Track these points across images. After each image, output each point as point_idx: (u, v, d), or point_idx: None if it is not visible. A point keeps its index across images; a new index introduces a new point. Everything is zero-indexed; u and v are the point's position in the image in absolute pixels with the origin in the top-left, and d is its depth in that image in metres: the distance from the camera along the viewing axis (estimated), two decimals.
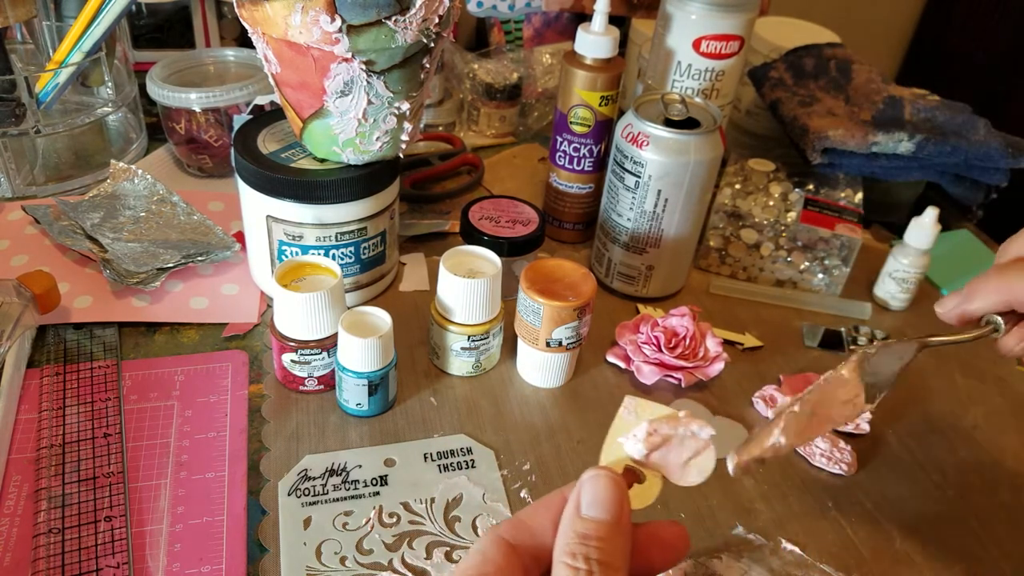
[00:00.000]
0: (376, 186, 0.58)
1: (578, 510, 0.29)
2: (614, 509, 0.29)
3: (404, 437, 0.53)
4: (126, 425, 0.52)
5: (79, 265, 0.64)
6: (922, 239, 0.65)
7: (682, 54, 0.69)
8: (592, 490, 0.29)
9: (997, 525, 0.51)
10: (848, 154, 0.71)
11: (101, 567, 0.43)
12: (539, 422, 0.55)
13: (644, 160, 0.59)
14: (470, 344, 0.56)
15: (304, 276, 0.54)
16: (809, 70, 0.81)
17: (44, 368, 0.55)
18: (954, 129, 0.72)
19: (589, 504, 0.29)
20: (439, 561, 0.45)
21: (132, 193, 0.70)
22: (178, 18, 0.90)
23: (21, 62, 0.76)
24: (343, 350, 0.51)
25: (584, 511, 0.29)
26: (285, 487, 0.49)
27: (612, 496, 0.29)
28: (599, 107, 0.66)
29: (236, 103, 0.73)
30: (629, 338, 0.60)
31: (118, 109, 0.79)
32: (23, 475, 0.48)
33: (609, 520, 0.28)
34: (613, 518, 0.29)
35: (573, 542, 0.28)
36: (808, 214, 0.68)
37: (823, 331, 0.65)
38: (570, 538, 0.28)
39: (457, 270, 0.54)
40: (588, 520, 0.29)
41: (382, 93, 0.53)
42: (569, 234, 0.73)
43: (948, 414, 0.59)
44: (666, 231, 0.62)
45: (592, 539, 0.28)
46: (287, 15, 0.49)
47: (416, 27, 0.50)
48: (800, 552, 0.48)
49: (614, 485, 0.29)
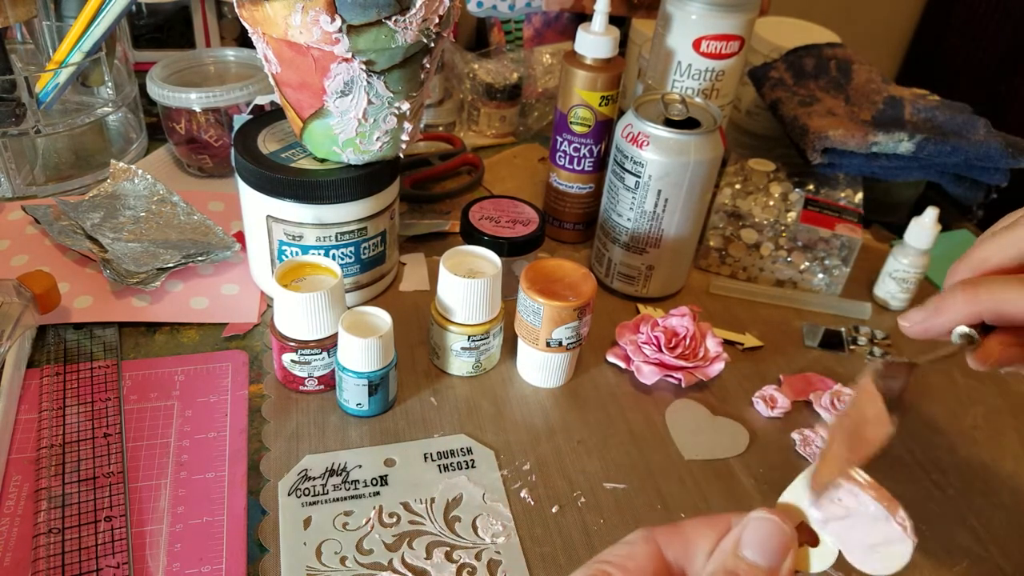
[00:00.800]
0: (376, 186, 0.58)
1: (737, 546, 0.28)
2: (773, 559, 0.28)
3: (404, 437, 0.53)
4: (126, 425, 0.52)
5: (79, 265, 0.64)
6: (922, 239, 0.65)
7: (682, 54, 0.69)
8: (756, 532, 0.28)
9: (997, 525, 0.51)
10: (848, 154, 0.71)
11: (101, 567, 0.43)
12: (539, 422, 0.55)
13: (644, 160, 0.59)
14: (470, 344, 0.56)
15: (304, 276, 0.54)
16: (809, 70, 0.81)
17: (44, 368, 0.55)
18: (954, 129, 0.72)
19: (749, 544, 0.28)
20: (439, 561, 0.45)
21: (132, 193, 0.70)
22: (178, 18, 0.90)
23: (21, 62, 0.76)
24: (343, 350, 0.51)
25: (743, 550, 0.28)
26: (285, 487, 0.49)
27: (775, 545, 0.28)
28: (599, 107, 0.66)
29: (236, 103, 0.73)
30: (629, 338, 0.60)
31: (118, 109, 0.79)
32: (23, 475, 0.48)
33: (763, 567, 0.27)
34: (768, 566, 0.27)
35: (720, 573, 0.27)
36: (808, 214, 0.68)
37: (823, 331, 0.65)
38: (718, 569, 0.28)
39: (457, 270, 0.54)
40: (742, 561, 0.28)
41: (382, 93, 0.53)
42: (569, 234, 0.73)
43: (948, 414, 0.59)
44: (666, 231, 0.62)
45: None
46: (287, 15, 0.49)
47: (416, 27, 0.50)
48: None
49: (780, 534, 0.28)
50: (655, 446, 0.54)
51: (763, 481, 0.52)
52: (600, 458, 0.53)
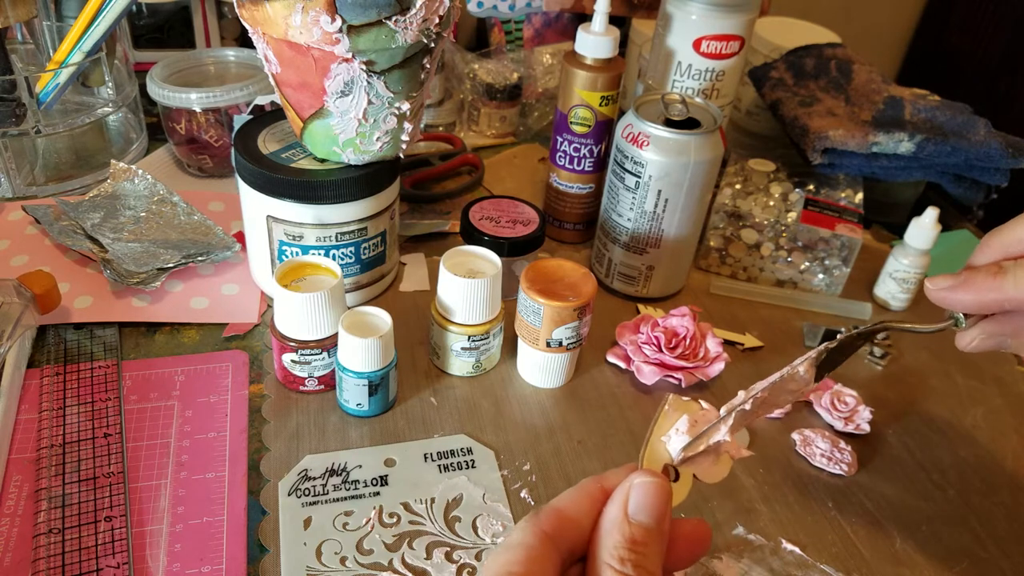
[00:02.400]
0: (376, 186, 0.58)
1: (625, 513, 0.29)
2: (661, 517, 0.29)
3: (404, 437, 0.53)
4: (126, 425, 0.52)
5: (79, 265, 0.64)
6: (922, 239, 0.65)
7: (682, 54, 0.69)
8: (642, 495, 0.29)
9: (997, 525, 0.51)
10: (848, 154, 0.71)
11: (101, 567, 0.43)
12: (539, 422, 0.55)
13: (644, 160, 0.59)
14: (470, 344, 0.56)
15: (304, 276, 0.54)
16: (809, 70, 0.81)
17: (44, 368, 0.55)
18: (954, 129, 0.72)
19: (638, 509, 0.29)
20: (439, 561, 0.45)
21: (132, 193, 0.70)
22: (178, 18, 0.90)
23: (21, 62, 0.76)
24: (343, 350, 0.51)
25: (633, 516, 0.29)
26: (285, 487, 0.49)
27: (660, 503, 0.29)
28: (599, 107, 0.66)
29: (236, 103, 0.73)
30: (629, 338, 0.60)
31: (118, 109, 0.79)
32: (23, 475, 0.48)
33: (654, 527, 0.29)
34: (658, 525, 0.29)
35: (621, 547, 0.28)
36: (808, 214, 0.68)
37: (823, 331, 0.65)
38: (618, 542, 0.28)
39: (457, 270, 0.54)
40: (635, 525, 0.29)
41: (382, 93, 0.53)
42: (569, 234, 0.73)
43: (948, 414, 0.59)
44: (666, 231, 0.62)
45: (639, 544, 0.28)
46: (287, 15, 0.49)
47: (416, 27, 0.50)
48: (800, 552, 0.48)
49: (663, 491, 0.29)
50: None
51: (763, 481, 0.52)
52: (600, 458, 0.53)
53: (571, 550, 0.29)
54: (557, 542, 0.29)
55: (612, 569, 0.28)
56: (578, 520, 0.30)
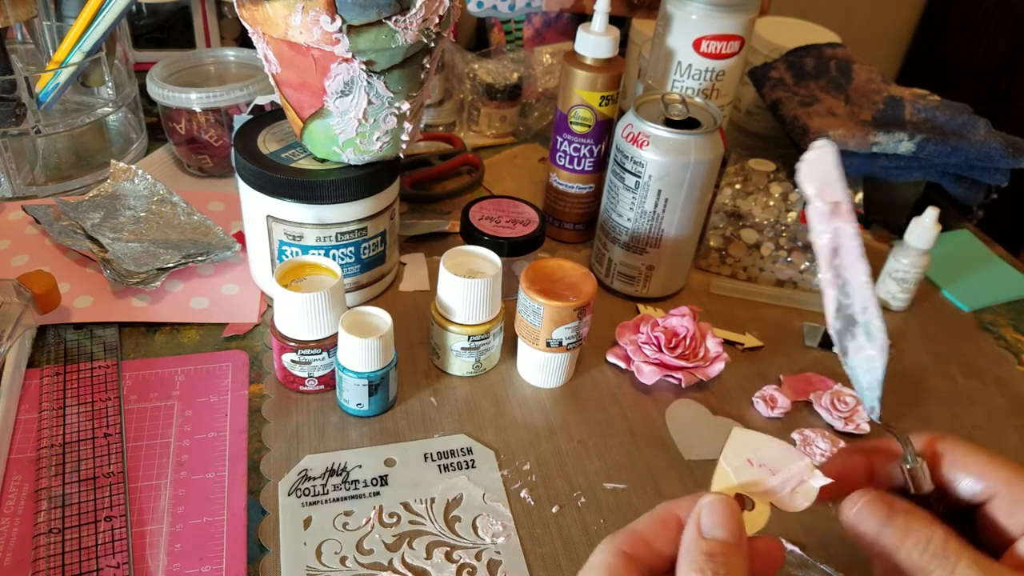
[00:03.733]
0: (376, 186, 0.58)
1: (700, 532, 0.31)
2: (734, 530, 0.31)
3: (404, 437, 0.53)
4: (126, 425, 0.52)
5: (79, 265, 0.64)
6: (922, 239, 0.65)
7: (682, 54, 0.69)
8: (711, 513, 0.31)
9: None
10: (848, 154, 0.71)
11: (101, 567, 0.43)
12: (539, 422, 0.55)
13: (644, 160, 0.59)
14: (470, 344, 0.56)
15: (304, 276, 0.54)
16: (809, 70, 0.81)
17: (44, 368, 0.55)
18: (954, 129, 0.72)
19: (710, 526, 0.31)
20: (439, 561, 0.45)
21: (132, 193, 0.70)
22: (178, 18, 0.90)
23: (21, 62, 0.76)
24: (343, 350, 0.51)
25: (706, 533, 0.31)
26: (285, 487, 0.49)
27: (730, 518, 0.31)
28: (599, 107, 0.66)
29: (236, 103, 0.73)
30: (629, 338, 0.60)
31: (118, 109, 0.79)
32: (23, 475, 0.48)
33: (730, 540, 0.31)
34: (734, 538, 0.31)
35: (699, 559, 0.30)
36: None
37: (823, 331, 0.65)
38: (695, 556, 0.30)
39: (457, 270, 0.54)
40: (711, 540, 0.31)
41: (382, 93, 0.53)
42: (569, 234, 0.73)
43: (948, 414, 0.59)
44: (666, 231, 0.62)
45: (717, 556, 0.30)
46: (287, 15, 0.49)
47: (416, 27, 0.50)
48: (800, 552, 0.48)
49: (731, 508, 0.32)
50: (655, 446, 0.54)
51: None
52: (600, 458, 0.53)
53: (650, 569, 0.31)
54: (637, 561, 0.31)
55: None
56: (652, 541, 0.32)
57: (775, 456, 0.33)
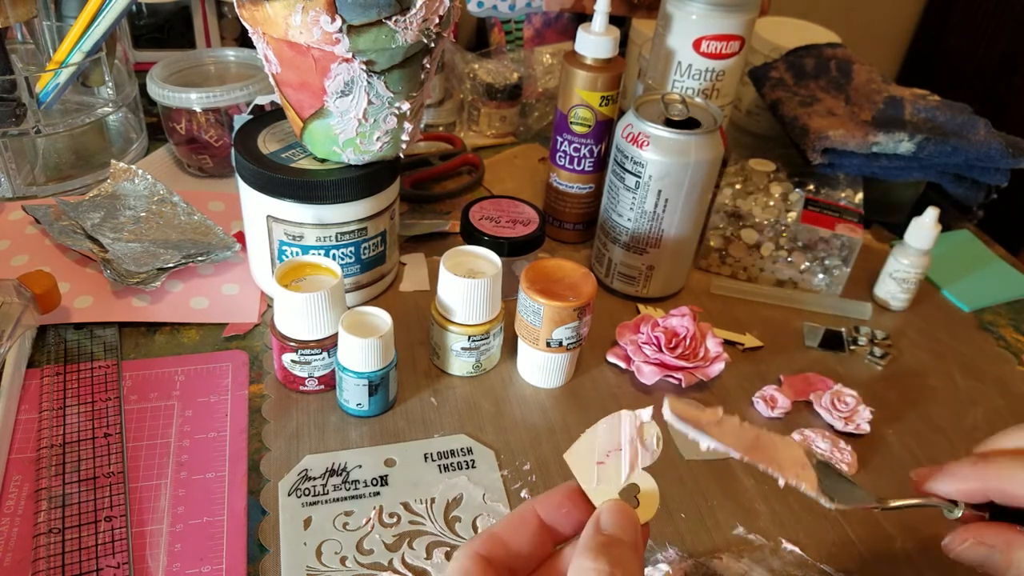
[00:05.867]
0: (376, 186, 0.58)
1: (598, 528, 0.31)
2: (632, 533, 0.31)
3: (404, 437, 0.53)
4: (126, 425, 0.52)
5: (79, 265, 0.64)
6: (922, 239, 0.65)
7: (682, 54, 0.69)
8: (611, 514, 0.32)
9: None
10: (848, 154, 0.71)
11: (101, 567, 0.43)
12: (539, 422, 0.55)
13: (644, 160, 0.59)
14: (470, 344, 0.56)
15: (304, 276, 0.54)
16: (809, 70, 0.81)
17: (44, 368, 0.55)
18: (954, 129, 0.72)
19: (609, 524, 0.32)
20: (439, 561, 0.45)
21: (132, 193, 0.70)
22: (178, 18, 0.90)
23: (21, 62, 0.76)
24: (343, 350, 0.51)
25: (604, 528, 0.31)
26: (285, 487, 0.49)
27: (629, 521, 0.32)
28: (599, 107, 0.66)
29: (236, 103, 0.73)
30: (629, 338, 0.60)
31: (118, 109, 0.79)
32: (23, 475, 0.48)
33: (628, 543, 0.31)
34: (631, 541, 0.31)
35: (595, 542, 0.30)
36: (808, 214, 0.68)
37: (823, 331, 0.65)
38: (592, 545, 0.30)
39: (457, 270, 0.54)
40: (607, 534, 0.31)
41: (382, 93, 0.53)
42: (569, 234, 0.73)
43: (948, 414, 0.59)
44: (666, 231, 0.62)
45: (613, 545, 0.30)
46: (287, 15, 0.49)
47: (416, 27, 0.50)
48: (800, 552, 0.48)
49: (628, 512, 0.33)
50: None
51: (763, 481, 0.52)
52: None
53: (510, 569, 0.32)
54: (493, 563, 0.31)
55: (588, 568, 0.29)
56: (510, 541, 0.32)
57: (606, 437, 0.34)
